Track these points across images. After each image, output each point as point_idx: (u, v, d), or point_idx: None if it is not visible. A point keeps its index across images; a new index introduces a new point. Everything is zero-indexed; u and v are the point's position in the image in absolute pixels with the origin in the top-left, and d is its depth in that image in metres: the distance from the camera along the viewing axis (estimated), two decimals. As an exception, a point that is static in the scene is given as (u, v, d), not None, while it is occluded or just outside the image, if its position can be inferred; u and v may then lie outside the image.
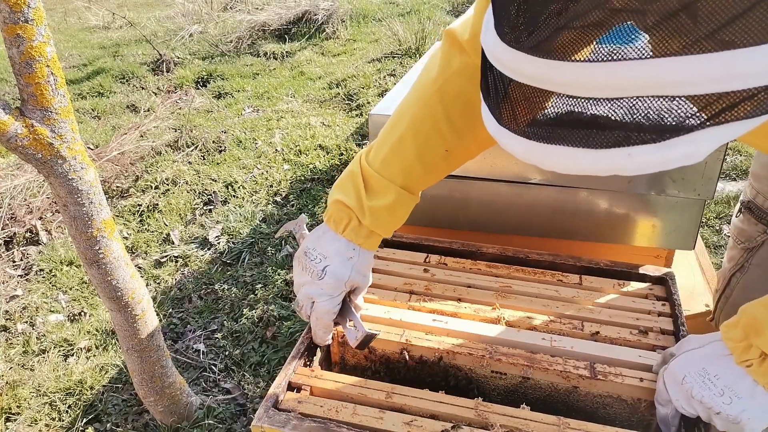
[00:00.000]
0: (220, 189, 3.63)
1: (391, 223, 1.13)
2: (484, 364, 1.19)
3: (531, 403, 1.20)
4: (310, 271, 1.10)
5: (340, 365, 1.34)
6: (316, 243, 1.12)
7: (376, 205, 1.09)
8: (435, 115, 1.07)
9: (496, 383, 1.21)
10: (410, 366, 1.25)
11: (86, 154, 1.52)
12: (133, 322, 1.78)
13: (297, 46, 6.00)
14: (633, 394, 1.12)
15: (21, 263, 3.10)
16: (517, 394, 1.20)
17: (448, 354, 1.21)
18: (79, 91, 5.26)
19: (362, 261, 1.13)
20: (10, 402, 2.25)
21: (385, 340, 1.24)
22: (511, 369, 1.18)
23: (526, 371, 1.17)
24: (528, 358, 1.17)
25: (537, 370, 1.16)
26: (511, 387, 1.21)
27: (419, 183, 1.12)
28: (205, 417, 2.11)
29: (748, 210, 1.39)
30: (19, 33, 1.28)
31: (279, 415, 1.08)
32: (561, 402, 1.18)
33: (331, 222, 1.12)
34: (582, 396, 1.16)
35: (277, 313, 2.57)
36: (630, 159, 0.56)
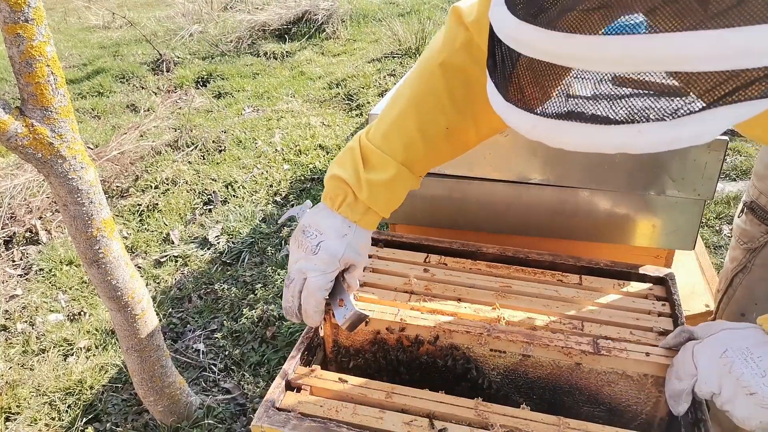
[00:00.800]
0: (220, 189, 3.63)
1: (388, 201, 1.09)
2: (483, 341, 1.15)
3: (532, 383, 1.17)
4: (304, 247, 1.07)
5: (334, 352, 1.29)
6: (312, 220, 1.09)
7: (374, 178, 1.06)
8: (437, 89, 1.05)
9: (496, 362, 1.17)
10: (405, 347, 1.21)
11: (86, 153, 1.52)
12: (133, 321, 1.78)
13: (297, 46, 6.00)
14: (639, 370, 1.09)
15: (21, 263, 3.10)
16: (517, 374, 1.17)
17: (445, 333, 1.17)
18: (79, 90, 5.26)
19: (358, 239, 1.10)
20: (10, 402, 2.25)
21: (380, 320, 1.20)
22: (510, 346, 1.14)
23: (526, 348, 1.13)
24: (528, 335, 1.13)
25: (537, 346, 1.12)
26: (511, 366, 1.17)
27: (420, 162, 1.09)
28: (204, 417, 2.11)
29: (751, 210, 1.39)
30: (19, 32, 1.28)
31: (279, 414, 1.08)
32: (564, 381, 1.14)
33: (327, 199, 1.10)
34: (585, 373, 1.12)
35: (277, 313, 2.57)
36: (639, 136, 0.55)
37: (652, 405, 1.12)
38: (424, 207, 1.63)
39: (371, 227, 1.12)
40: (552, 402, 1.16)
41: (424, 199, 1.61)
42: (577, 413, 1.14)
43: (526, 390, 1.17)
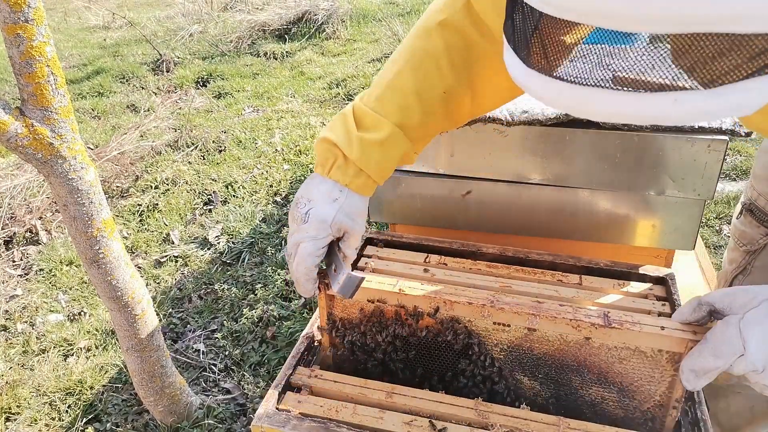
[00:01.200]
0: (220, 189, 3.63)
1: (381, 163, 1.03)
2: (486, 314, 1.08)
3: (537, 360, 1.10)
4: (296, 218, 1.03)
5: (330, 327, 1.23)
6: (303, 190, 1.05)
7: (367, 137, 1.01)
8: (436, 48, 1.01)
9: (499, 337, 1.11)
10: (404, 320, 1.15)
11: (86, 153, 1.52)
12: (133, 321, 1.78)
13: (297, 46, 6.00)
14: (653, 345, 1.01)
15: (21, 263, 3.10)
16: (521, 350, 1.11)
17: (446, 304, 1.10)
18: (79, 91, 5.26)
19: (350, 203, 1.03)
20: (10, 402, 2.25)
21: (377, 290, 1.13)
22: (515, 319, 1.07)
23: (531, 321, 1.05)
24: (534, 307, 1.06)
25: (544, 319, 1.04)
26: (515, 341, 1.10)
27: (415, 127, 1.04)
28: (204, 417, 2.11)
29: (750, 212, 1.38)
30: (19, 33, 1.28)
31: (279, 415, 1.08)
32: (571, 358, 1.07)
33: (318, 167, 1.05)
34: (595, 349, 1.05)
35: (277, 313, 2.57)
36: (675, 105, 0.51)
37: (666, 384, 1.04)
38: (424, 207, 1.63)
39: (364, 192, 1.06)
40: (558, 381, 1.10)
41: (424, 199, 1.61)
42: (585, 394, 1.09)
43: (530, 368, 1.12)
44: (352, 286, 1.01)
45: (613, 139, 1.39)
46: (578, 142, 1.41)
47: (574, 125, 1.39)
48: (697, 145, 1.34)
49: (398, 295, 1.13)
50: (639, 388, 1.06)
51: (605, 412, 1.09)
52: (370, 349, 1.21)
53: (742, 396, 1.45)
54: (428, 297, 1.11)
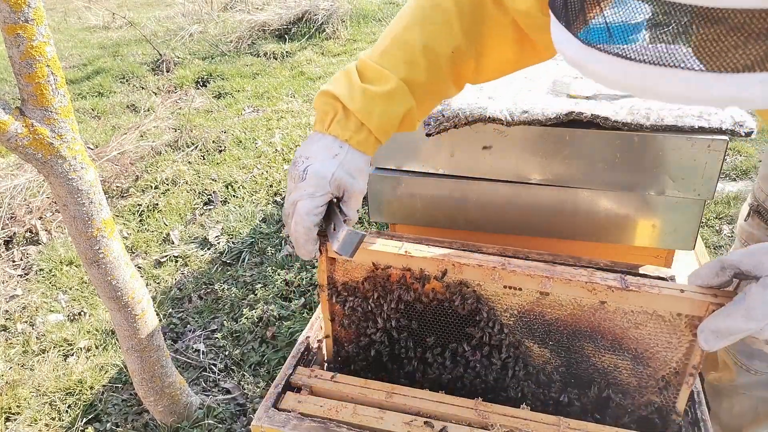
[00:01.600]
0: (220, 189, 3.63)
1: (383, 117, 0.98)
2: (496, 277, 1.03)
3: (549, 325, 1.05)
4: (294, 177, 0.98)
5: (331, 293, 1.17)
6: (301, 149, 1.00)
7: (371, 89, 0.96)
8: (447, 7, 0.97)
9: (509, 301, 1.06)
10: (409, 285, 1.09)
11: (86, 153, 1.52)
12: (133, 321, 1.78)
13: (297, 46, 6.00)
14: (672, 308, 0.96)
15: (21, 263, 3.10)
16: (532, 315, 1.06)
17: (455, 267, 1.05)
18: (79, 91, 5.26)
19: (351, 160, 0.98)
20: (10, 402, 2.25)
21: (381, 252, 1.08)
22: (527, 282, 1.02)
23: (544, 284, 1.00)
24: (547, 269, 1.01)
25: (558, 282, 0.99)
26: (527, 306, 1.05)
27: (420, 86, 1.00)
28: (204, 417, 2.12)
29: (758, 214, 1.37)
30: (19, 33, 1.28)
31: (279, 415, 1.08)
32: (585, 323, 1.03)
33: (317, 123, 1.01)
34: (610, 314, 1.00)
35: (277, 313, 2.57)
36: (763, 87, 0.45)
37: (684, 351, 1.00)
38: (424, 207, 1.63)
39: (366, 149, 1.00)
40: (570, 348, 1.07)
41: (424, 199, 1.61)
42: (597, 362, 1.06)
43: (541, 335, 1.07)
44: (353, 243, 0.95)
45: (613, 139, 1.39)
46: (578, 142, 1.41)
47: (574, 125, 1.39)
48: (697, 145, 1.34)
49: (404, 258, 1.07)
50: (655, 355, 1.02)
51: (617, 381, 1.06)
52: (372, 316, 1.15)
53: (746, 397, 1.44)
54: (436, 260, 1.05)
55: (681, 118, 1.34)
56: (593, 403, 1.09)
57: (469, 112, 1.39)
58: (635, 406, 1.07)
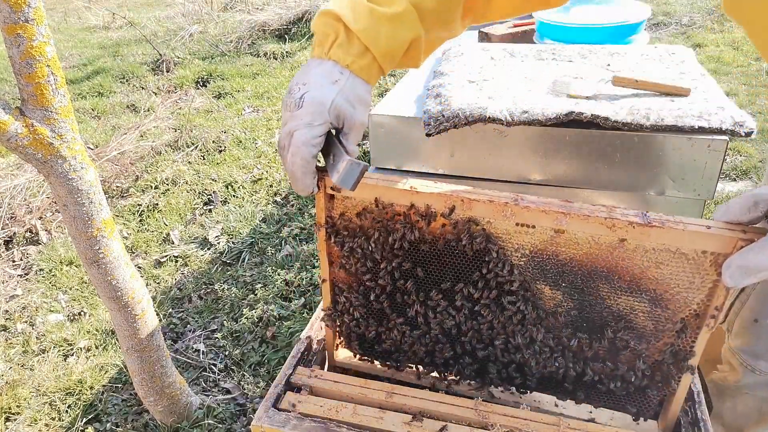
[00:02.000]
0: (220, 189, 3.63)
1: (389, 42, 0.91)
2: (508, 213, 0.96)
3: (563, 266, 0.99)
4: (289, 106, 0.90)
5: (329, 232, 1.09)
6: (298, 76, 0.93)
7: (378, 9, 0.89)
8: None
9: (521, 240, 0.99)
10: (413, 223, 1.02)
11: (86, 153, 1.52)
12: (133, 321, 1.78)
13: (297, 46, 6.00)
14: (697, 246, 0.90)
15: (21, 263, 3.10)
16: (545, 256, 1.00)
17: (464, 203, 0.98)
18: (79, 91, 5.26)
19: (352, 87, 0.91)
20: (10, 402, 2.25)
21: (384, 187, 1.01)
22: (541, 219, 0.95)
23: (560, 221, 0.94)
24: (563, 206, 0.94)
25: (575, 218, 0.93)
26: (540, 245, 0.99)
27: (429, 13, 0.94)
28: (204, 417, 2.12)
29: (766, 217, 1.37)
30: (19, 33, 1.28)
31: (279, 415, 1.08)
32: (602, 263, 0.97)
33: (316, 47, 0.94)
34: (630, 252, 0.94)
35: (277, 313, 2.57)
36: None
37: (706, 291, 0.94)
38: (424, 207, 1.63)
39: (368, 77, 0.93)
40: (584, 290, 1.01)
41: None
42: (612, 304, 1.01)
43: (554, 276, 1.02)
44: (354, 175, 0.88)
45: (613, 139, 1.39)
46: (578, 142, 1.41)
47: (574, 125, 1.39)
48: (697, 145, 1.34)
49: (409, 194, 1.00)
50: (675, 296, 0.97)
51: (632, 325, 1.02)
52: (373, 258, 1.08)
53: (751, 397, 1.44)
54: (443, 196, 0.99)
55: (681, 118, 1.34)
56: (605, 349, 1.04)
57: (469, 112, 1.39)
58: (649, 350, 1.02)
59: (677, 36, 5.63)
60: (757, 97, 4.21)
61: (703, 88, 1.49)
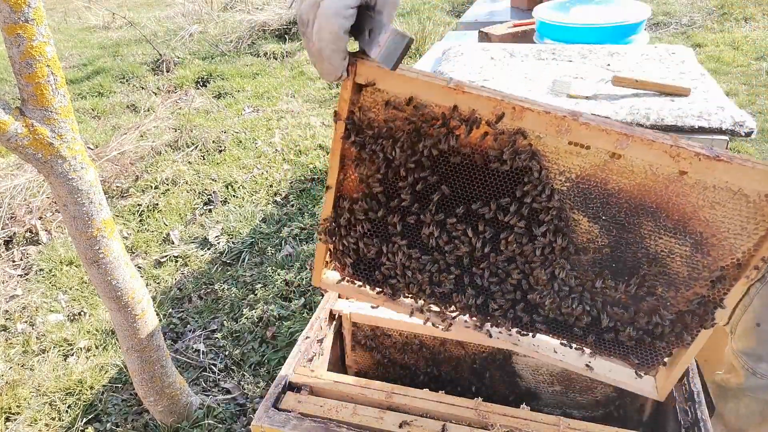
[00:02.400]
0: (220, 189, 3.63)
1: None
2: (564, 128, 0.85)
3: (608, 197, 0.91)
4: None
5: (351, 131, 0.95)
6: None
7: None
8: None
9: (569, 162, 0.89)
10: (450, 129, 0.90)
11: (86, 153, 1.52)
12: (133, 322, 1.78)
13: (297, 46, 6.00)
14: (762, 187, 0.83)
15: (21, 263, 3.10)
16: (592, 183, 0.90)
17: (515, 111, 0.86)
18: (79, 91, 5.26)
19: None
20: (10, 402, 2.25)
21: (427, 84, 0.87)
22: (600, 139, 0.85)
23: (621, 143, 0.84)
24: (626, 127, 0.85)
25: (637, 142, 0.83)
26: (589, 170, 0.89)
27: None
28: (204, 417, 2.12)
29: None
30: (19, 33, 1.28)
31: (279, 414, 1.08)
32: (651, 198, 0.89)
33: None
34: (687, 188, 0.86)
35: (277, 313, 2.57)
36: None
37: (756, 240, 0.88)
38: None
39: None
40: (625, 226, 0.92)
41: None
42: (650, 245, 0.93)
43: (596, 207, 0.92)
44: (399, 48, 0.74)
45: (613, 139, 1.38)
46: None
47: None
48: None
49: (453, 94, 0.87)
50: (721, 242, 0.90)
51: (666, 270, 0.94)
52: (394, 168, 0.95)
53: (753, 399, 1.44)
54: (493, 100, 0.86)
55: (681, 118, 1.34)
56: (629, 295, 0.97)
57: (469, 112, 1.38)
58: (676, 299, 0.95)
59: (677, 36, 5.63)
60: (757, 97, 4.21)
61: (703, 88, 1.49)
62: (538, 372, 1.46)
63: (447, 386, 1.49)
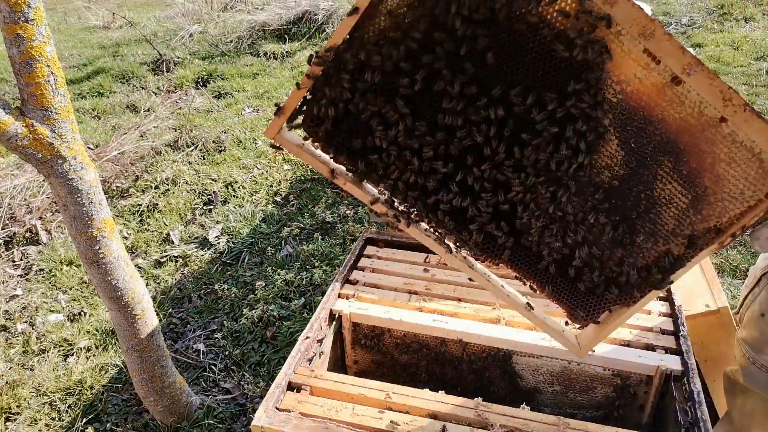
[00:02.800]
0: (220, 189, 3.63)
1: None
2: (647, 32, 0.83)
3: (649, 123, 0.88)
4: None
5: None
6: None
7: None
8: None
9: (633, 73, 0.87)
10: None
11: (86, 154, 1.52)
12: (133, 322, 1.78)
13: (297, 46, 6.00)
14: None
15: (21, 263, 3.10)
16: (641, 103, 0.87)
17: None
18: (79, 91, 5.26)
19: None
20: (10, 402, 2.25)
21: None
22: (673, 57, 0.84)
23: (691, 68, 0.84)
24: (696, 57, 0.85)
25: (702, 73, 0.84)
26: (644, 90, 0.87)
27: None
28: (205, 417, 2.12)
29: None
30: (19, 33, 1.28)
31: (279, 415, 1.08)
32: (685, 136, 0.88)
33: None
34: (718, 137, 0.87)
35: (277, 313, 2.57)
36: None
37: (746, 207, 0.91)
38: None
39: None
40: (645, 161, 0.91)
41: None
42: (657, 187, 0.93)
43: (631, 132, 0.89)
44: None
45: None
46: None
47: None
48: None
49: None
50: (717, 202, 0.92)
51: (656, 218, 0.94)
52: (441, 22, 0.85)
53: (759, 397, 1.45)
54: None
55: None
56: (613, 238, 0.95)
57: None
58: (649, 252, 0.96)
59: (677, 36, 5.63)
60: (758, 97, 4.21)
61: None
62: (538, 372, 1.46)
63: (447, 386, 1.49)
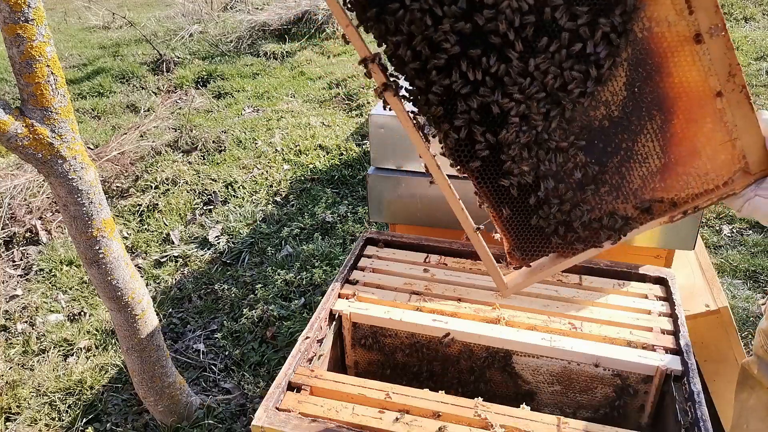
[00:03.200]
0: (220, 189, 3.63)
1: None
2: None
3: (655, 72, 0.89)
4: None
5: None
6: None
7: None
8: None
9: (664, 16, 0.87)
10: None
11: (86, 153, 1.52)
12: (133, 322, 1.78)
13: (297, 46, 6.00)
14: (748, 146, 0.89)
15: (21, 263, 3.10)
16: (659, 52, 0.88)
17: None
18: (79, 91, 5.26)
19: None
20: (10, 402, 2.25)
21: None
22: (707, 11, 0.84)
23: (716, 29, 0.85)
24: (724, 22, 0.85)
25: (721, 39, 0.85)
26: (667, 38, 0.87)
27: None
28: (205, 417, 2.12)
29: None
30: (19, 33, 1.28)
31: (279, 415, 1.08)
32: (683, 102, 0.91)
33: None
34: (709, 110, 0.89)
35: (277, 313, 2.57)
36: None
37: (702, 189, 0.93)
38: (424, 207, 1.63)
39: None
40: (639, 110, 0.93)
41: (423, 199, 1.61)
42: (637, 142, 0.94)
43: (639, 76, 0.91)
44: None
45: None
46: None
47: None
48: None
49: None
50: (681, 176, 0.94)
51: (627, 172, 0.96)
52: None
53: (766, 393, 1.45)
54: None
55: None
56: (579, 179, 0.96)
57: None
58: (607, 205, 0.97)
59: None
60: (757, 97, 4.21)
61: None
62: (538, 372, 1.46)
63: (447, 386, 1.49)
